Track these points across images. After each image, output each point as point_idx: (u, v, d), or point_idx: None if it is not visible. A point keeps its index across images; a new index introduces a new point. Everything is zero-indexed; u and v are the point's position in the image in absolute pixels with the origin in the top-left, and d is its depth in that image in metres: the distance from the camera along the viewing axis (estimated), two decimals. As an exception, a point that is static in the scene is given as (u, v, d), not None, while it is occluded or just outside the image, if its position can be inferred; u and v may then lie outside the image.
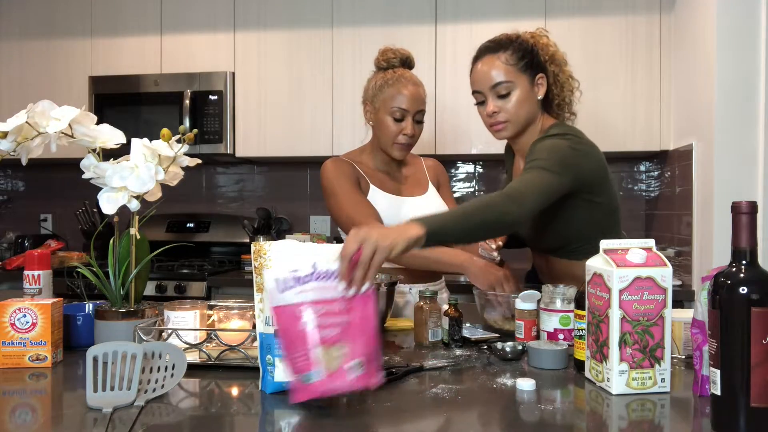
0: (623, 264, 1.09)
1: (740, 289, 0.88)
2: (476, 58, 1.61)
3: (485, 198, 1.35)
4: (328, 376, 0.97)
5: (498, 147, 2.98)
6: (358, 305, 1.02)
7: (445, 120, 3.01)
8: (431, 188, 1.95)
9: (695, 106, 2.55)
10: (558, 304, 1.36)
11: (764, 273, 0.89)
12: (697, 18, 2.54)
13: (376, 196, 1.82)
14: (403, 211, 1.83)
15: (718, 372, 0.89)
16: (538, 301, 1.41)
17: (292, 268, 1.02)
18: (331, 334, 0.99)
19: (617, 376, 1.07)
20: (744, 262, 0.90)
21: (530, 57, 1.57)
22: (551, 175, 1.43)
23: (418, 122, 1.83)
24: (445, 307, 1.46)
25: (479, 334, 1.49)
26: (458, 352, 1.38)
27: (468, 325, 1.56)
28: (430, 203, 1.90)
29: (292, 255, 1.06)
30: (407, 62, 1.87)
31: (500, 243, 1.66)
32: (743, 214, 0.91)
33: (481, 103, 1.61)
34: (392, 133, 1.80)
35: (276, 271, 1.03)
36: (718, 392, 0.89)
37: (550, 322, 1.36)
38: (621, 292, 1.07)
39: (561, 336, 1.35)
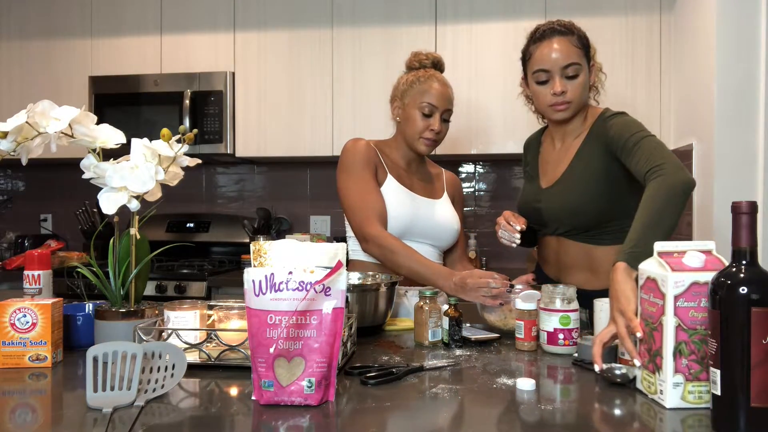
0: (679, 268, 1.01)
1: (740, 289, 0.88)
2: (540, 39, 1.65)
3: (653, 198, 1.36)
4: (282, 389, 1.01)
5: (498, 147, 3.01)
6: (326, 323, 1.03)
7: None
8: (446, 197, 1.97)
9: (695, 106, 2.55)
10: (558, 304, 1.37)
11: (764, 273, 0.89)
12: (697, 18, 2.54)
13: (391, 186, 1.83)
14: (415, 208, 1.84)
15: (718, 372, 0.89)
16: (538, 301, 1.41)
17: (270, 271, 1.03)
18: (294, 347, 1.02)
19: (671, 389, 1.00)
20: (744, 262, 0.90)
21: (587, 45, 1.66)
22: (657, 138, 1.52)
23: (445, 121, 1.86)
24: (445, 307, 1.46)
25: (479, 334, 1.49)
26: (458, 352, 1.38)
27: (468, 325, 1.56)
28: (443, 208, 1.91)
29: (292, 255, 1.06)
30: (438, 65, 1.91)
31: (523, 226, 1.63)
32: (743, 214, 0.91)
33: (543, 83, 1.64)
34: (420, 127, 1.83)
35: (254, 272, 1.03)
36: (718, 392, 0.89)
37: (550, 322, 1.36)
38: (676, 298, 1.00)
39: (561, 336, 1.35)
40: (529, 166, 1.84)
